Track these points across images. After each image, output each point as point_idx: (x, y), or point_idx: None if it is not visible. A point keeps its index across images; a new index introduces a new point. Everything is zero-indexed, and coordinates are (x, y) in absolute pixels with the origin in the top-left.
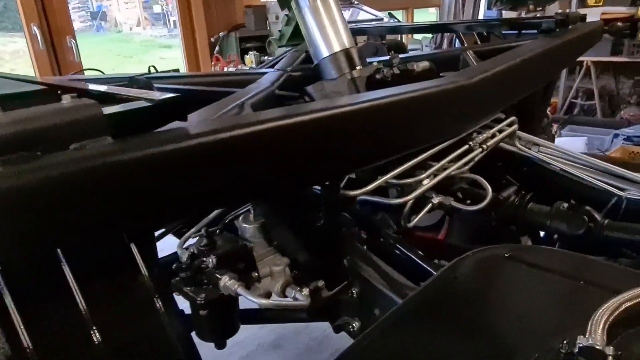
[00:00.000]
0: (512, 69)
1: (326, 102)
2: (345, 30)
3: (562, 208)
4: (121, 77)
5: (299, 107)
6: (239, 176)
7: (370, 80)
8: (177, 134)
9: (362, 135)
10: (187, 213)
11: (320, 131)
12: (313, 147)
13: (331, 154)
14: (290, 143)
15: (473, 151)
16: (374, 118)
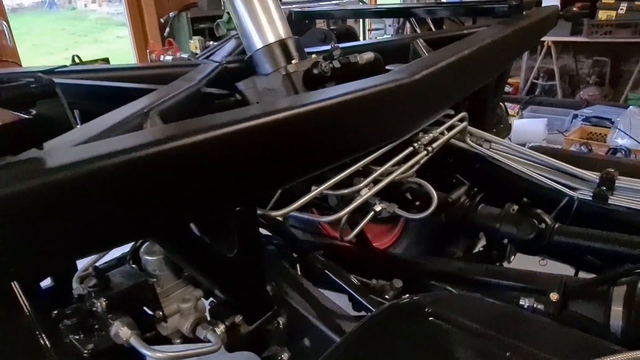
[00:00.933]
0: (461, 62)
1: (233, 113)
2: (280, 18)
3: (512, 211)
4: (26, 72)
5: (200, 121)
6: (108, 216)
7: (307, 75)
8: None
9: (282, 149)
10: (54, 262)
11: (224, 150)
12: (215, 169)
13: (240, 175)
14: (183, 167)
15: (418, 154)
16: (296, 128)
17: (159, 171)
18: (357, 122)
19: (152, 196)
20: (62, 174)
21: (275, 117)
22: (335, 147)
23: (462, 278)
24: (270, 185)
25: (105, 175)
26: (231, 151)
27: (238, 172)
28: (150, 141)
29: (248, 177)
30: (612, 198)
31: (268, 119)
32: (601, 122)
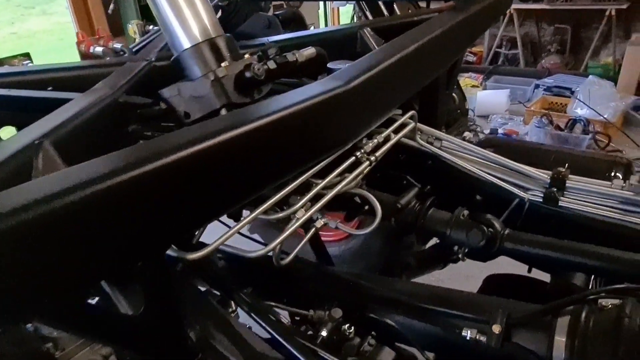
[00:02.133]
0: (407, 59)
1: (138, 151)
2: (209, 13)
3: (462, 216)
4: None
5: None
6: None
7: (239, 79)
8: None
9: (197, 185)
10: None
11: (128, 197)
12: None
13: (142, 224)
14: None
15: (361, 163)
16: (213, 159)
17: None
18: (290, 141)
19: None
20: None
21: (184, 153)
22: (263, 171)
23: (405, 304)
24: (183, 229)
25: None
26: (129, 200)
27: (138, 222)
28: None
29: (152, 225)
30: (562, 199)
31: (172, 158)
32: (562, 91)
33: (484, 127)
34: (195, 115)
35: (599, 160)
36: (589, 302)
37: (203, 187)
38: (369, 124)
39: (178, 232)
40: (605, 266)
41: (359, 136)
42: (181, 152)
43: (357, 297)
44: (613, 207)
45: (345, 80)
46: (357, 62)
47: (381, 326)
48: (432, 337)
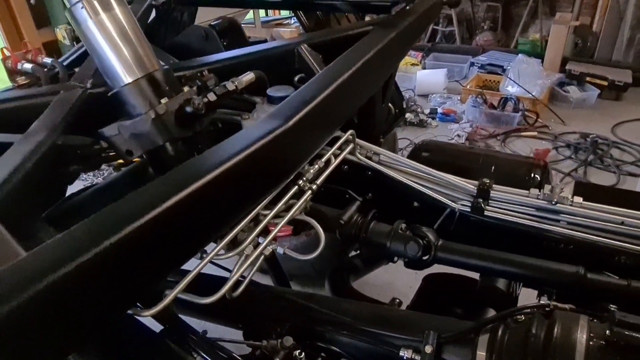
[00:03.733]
0: (344, 84)
1: (133, 201)
2: (146, 49)
3: (400, 230)
4: None
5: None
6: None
7: (179, 115)
8: None
9: (167, 240)
10: None
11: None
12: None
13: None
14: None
15: (304, 192)
16: (177, 216)
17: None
18: (241, 183)
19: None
20: None
21: (157, 211)
22: (220, 213)
23: (349, 326)
24: (153, 283)
25: None
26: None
27: (116, 288)
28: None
29: (133, 288)
30: (487, 209)
31: (151, 215)
32: (495, 69)
33: (423, 107)
34: (138, 152)
35: (521, 163)
36: (505, 319)
37: (160, 249)
38: (311, 152)
39: (138, 294)
40: (523, 273)
41: (303, 164)
42: (130, 226)
43: (306, 321)
44: (530, 214)
45: (285, 118)
46: (296, 94)
47: (329, 349)
48: (373, 357)
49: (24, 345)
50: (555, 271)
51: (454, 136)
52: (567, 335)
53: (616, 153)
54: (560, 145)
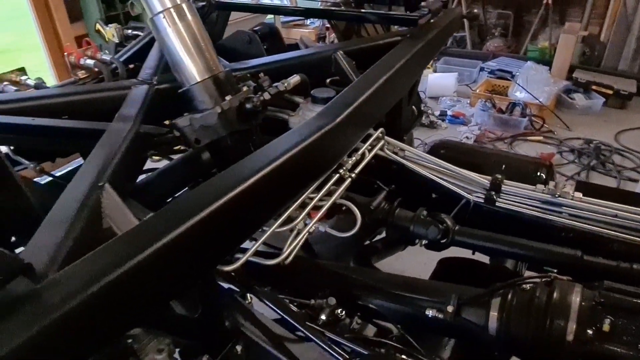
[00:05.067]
0: (378, 90)
1: (216, 184)
2: (212, 53)
3: (422, 215)
4: None
5: (198, 195)
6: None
7: (240, 110)
8: (30, 313)
9: (254, 205)
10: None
11: (221, 222)
12: (216, 240)
13: (226, 241)
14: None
15: (345, 180)
16: (253, 194)
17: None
18: (296, 171)
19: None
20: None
21: (236, 191)
22: (284, 192)
23: (382, 290)
24: (231, 248)
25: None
26: (202, 234)
27: (211, 250)
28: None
29: (219, 250)
30: (499, 201)
31: (231, 195)
32: (504, 75)
33: (434, 109)
34: (205, 141)
35: (529, 163)
36: (513, 286)
37: (242, 220)
38: (351, 146)
39: (224, 255)
40: (529, 254)
41: (344, 156)
42: (222, 199)
43: (345, 286)
44: (537, 206)
45: (333, 116)
46: (340, 96)
47: (365, 309)
48: (403, 315)
49: (151, 285)
50: (557, 253)
51: (462, 138)
52: (564, 297)
53: (618, 159)
54: (564, 149)
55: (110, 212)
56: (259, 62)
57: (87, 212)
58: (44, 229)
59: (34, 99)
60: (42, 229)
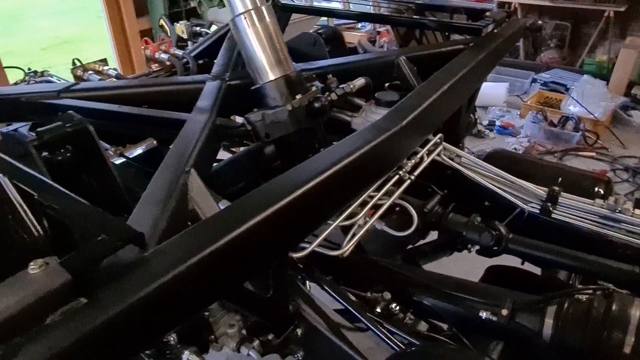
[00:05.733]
0: (441, 97)
1: (292, 177)
2: (285, 54)
3: (476, 222)
4: (42, 93)
5: (276, 187)
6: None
7: (309, 109)
8: (147, 272)
9: (324, 199)
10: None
11: (295, 213)
12: (290, 228)
13: (299, 230)
14: (256, 239)
15: (404, 181)
16: (334, 182)
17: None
18: (362, 170)
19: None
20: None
21: (319, 179)
22: (350, 189)
23: (436, 290)
24: (302, 238)
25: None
26: (282, 222)
27: (285, 237)
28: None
29: (292, 237)
30: (555, 212)
31: (305, 189)
32: (557, 87)
33: (482, 118)
34: (274, 136)
35: (587, 177)
36: (570, 296)
37: (313, 212)
38: (412, 149)
39: (296, 243)
40: (584, 267)
41: (405, 158)
42: (297, 192)
43: (399, 283)
44: (594, 221)
45: (399, 119)
46: (405, 100)
47: (418, 305)
48: (456, 315)
49: (234, 264)
50: (614, 268)
51: (511, 149)
52: (623, 310)
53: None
54: (618, 167)
55: (194, 195)
56: (324, 64)
57: (177, 193)
58: (142, 205)
59: (117, 88)
60: (140, 206)
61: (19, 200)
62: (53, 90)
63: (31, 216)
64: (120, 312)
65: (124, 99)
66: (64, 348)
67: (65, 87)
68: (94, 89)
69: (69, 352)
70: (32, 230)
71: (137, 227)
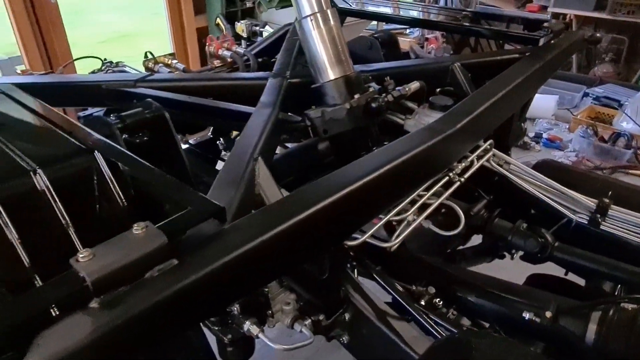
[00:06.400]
0: (494, 103)
1: (349, 172)
2: (346, 56)
3: (522, 228)
4: (121, 81)
5: (334, 180)
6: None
7: (367, 108)
8: (228, 242)
9: (378, 195)
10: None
11: (351, 204)
12: (346, 218)
13: (353, 220)
14: (321, 224)
15: (453, 183)
16: (388, 179)
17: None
18: (415, 169)
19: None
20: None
21: (383, 170)
22: (402, 187)
23: (481, 290)
24: (357, 227)
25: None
26: (341, 210)
27: (341, 226)
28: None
29: (347, 227)
30: (603, 224)
31: (362, 182)
32: (610, 102)
33: (528, 130)
34: (332, 132)
35: (638, 192)
36: (616, 304)
37: (368, 204)
38: (463, 152)
39: (351, 232)
40: (631, 279)
41: (456, 161)
42: (355, 185)
43: (443, 279)
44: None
45: (453, 123)
46: (459, 105)
47: (461, 302)
48: (498, 314)
49: (297, 244)
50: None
51: None
52: None
53: None
54: None
55: (261, 181)
56: (381, 66)
57: (247, 178)
58: (217, 187)
59: (186, 80)
60: (216, 187)
61: (108, 173)
62: (130, 80)
63: (117, 187)
64: (205, 275)
65: (192, 91)
66: (160, 300)
67: (140, 77)
68: (166, 80)
69: (163, 303)
70: (118, 200)
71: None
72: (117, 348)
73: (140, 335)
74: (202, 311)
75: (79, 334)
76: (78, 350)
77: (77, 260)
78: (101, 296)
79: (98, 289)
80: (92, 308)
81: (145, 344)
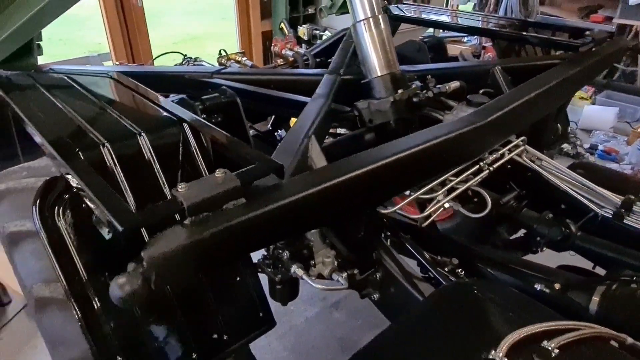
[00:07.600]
0: (529, 102)
1: (385, 149)
2: (394, 55)
3: (547, 217)
4: (200, 72)
5: (372, 154)
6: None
7: (409, 102)
8: (284, 191)
9: (406, 172)
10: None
11: (382, 176)
12: (377, 187)
13: (384, 190)
14: (364, 187)
15: (482, 171)
16: (415, 160)
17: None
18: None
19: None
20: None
21: (412, 151)
22: (434, 167)
23: (499, 264)
24: (390, 196)
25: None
26: (382, 177)
27: (375, 191)
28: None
29: (381, 193)
30: (627, 219)
31: (397, 157)
32: None
33: (584, 141)
34: (376, 122)
35: None
36: (620, 280)
37: (401, 177)
38: (494, 144)
39: (384, 199)
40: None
41: (487, 152)
42: (391, 158)
43: (466, 254)
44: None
45: (485, 116)
46: (493, 101)
47: (481, 274)
48: (514, 285)
49: (337, 201)
50: None
51: None
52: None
53: None
54: None
55: (312, 154)
56: (425, 67)
57: (302, 150)
58: (278, 153)
59: (254, 74)
60: (276, 153)
61: (192, 140)
62: (208, 72)
63: (200, 149)
64: (264, 212)
65: (259, 83)
66: (232, 225)
67: (216, 70)
68: (237, 73)
69: (234, 228)
70: (200, 159)
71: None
72: (201, 252)
73: (217, 248)
74: (260, 239)
75: (177, 239)
76: (175, 249)
77: (177, 190)
78: (192, 217)
79: (191, 211)
80: (186, 224)
81: (220, 255)
